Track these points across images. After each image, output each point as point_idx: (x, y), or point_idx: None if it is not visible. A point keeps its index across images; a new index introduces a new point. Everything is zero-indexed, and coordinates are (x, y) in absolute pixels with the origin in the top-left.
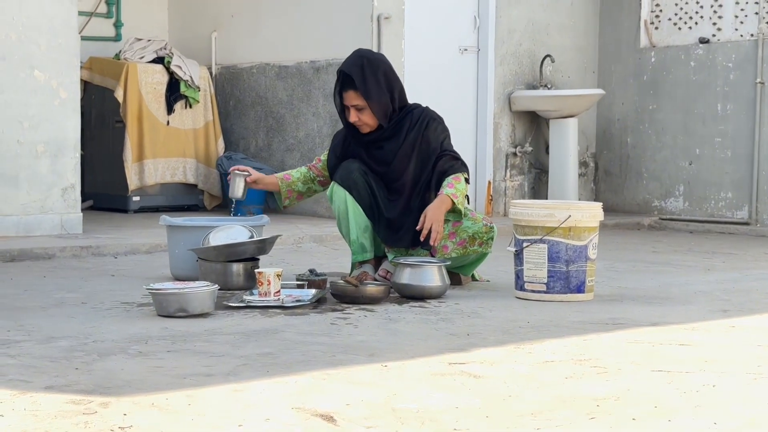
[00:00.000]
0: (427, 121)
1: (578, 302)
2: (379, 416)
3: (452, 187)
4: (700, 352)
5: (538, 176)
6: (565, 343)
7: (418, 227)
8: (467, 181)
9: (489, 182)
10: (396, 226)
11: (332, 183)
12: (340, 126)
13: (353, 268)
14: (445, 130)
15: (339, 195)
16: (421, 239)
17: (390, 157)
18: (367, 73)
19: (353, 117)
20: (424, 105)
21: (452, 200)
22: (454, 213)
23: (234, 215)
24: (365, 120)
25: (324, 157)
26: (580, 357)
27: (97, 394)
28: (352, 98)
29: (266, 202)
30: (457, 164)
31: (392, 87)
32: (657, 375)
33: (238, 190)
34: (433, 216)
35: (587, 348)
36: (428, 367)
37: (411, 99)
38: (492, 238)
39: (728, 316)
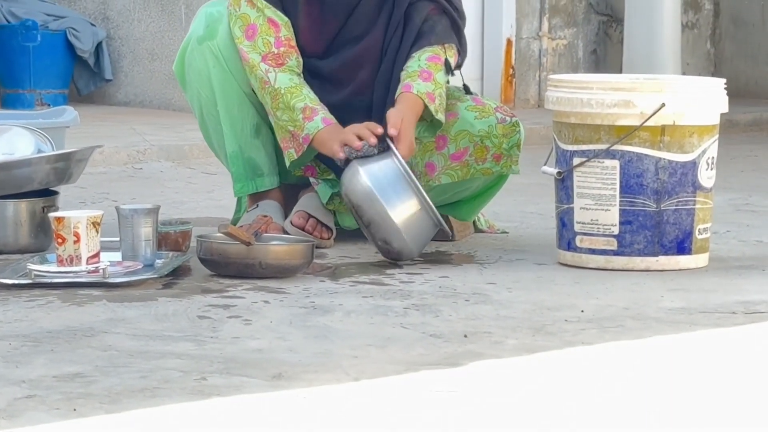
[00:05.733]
0: None
1: (679, 271)
2: None
3: (429, 79)
4: None
5: (605, 29)
6: (652, 354)
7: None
8: (455, 65)
9: (508, 41)
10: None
11: (182, 45)
12: None
13: (242, 209)
14: None
15: (198, 66)
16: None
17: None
18: None
19: None
20: None
21: (425, 103)
22: (426, 125)
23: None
24: None
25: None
26: (684, 382)
27: None
28: None
29: (74, 81)
30: (442, 23)
31: None
32: None
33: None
34: (403, 121)
35: (696, 363)
36: (387, 403)
37: None
38: (517, 145)
39: None
